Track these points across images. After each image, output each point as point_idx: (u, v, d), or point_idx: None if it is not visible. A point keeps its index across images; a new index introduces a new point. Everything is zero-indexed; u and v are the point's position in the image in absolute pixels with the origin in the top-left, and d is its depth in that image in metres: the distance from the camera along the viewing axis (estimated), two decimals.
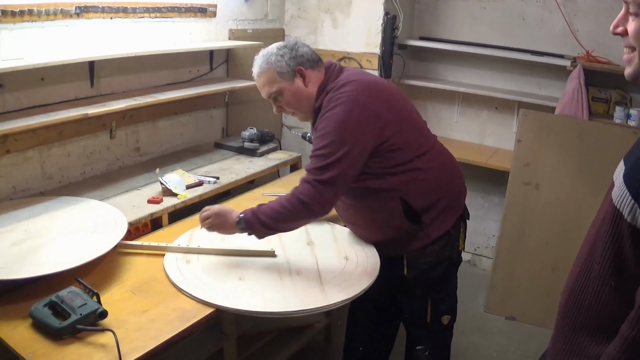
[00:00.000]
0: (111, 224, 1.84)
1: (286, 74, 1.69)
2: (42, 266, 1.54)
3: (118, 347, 1.29)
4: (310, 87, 1.70)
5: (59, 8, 2.06)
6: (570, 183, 2.73)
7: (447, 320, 1.85)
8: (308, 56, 1.71)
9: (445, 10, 3.30)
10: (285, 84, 1.70)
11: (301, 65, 1.69)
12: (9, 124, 1.87)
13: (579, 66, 2.79)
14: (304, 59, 1.70)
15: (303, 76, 1.70)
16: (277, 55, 1.69)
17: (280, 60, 1.69)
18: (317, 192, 1.60)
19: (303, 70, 1.69)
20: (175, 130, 2.80)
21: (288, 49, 1.70)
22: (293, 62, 1.69)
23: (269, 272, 1.72)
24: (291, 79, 1.69)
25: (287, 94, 1.71)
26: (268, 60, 1.70)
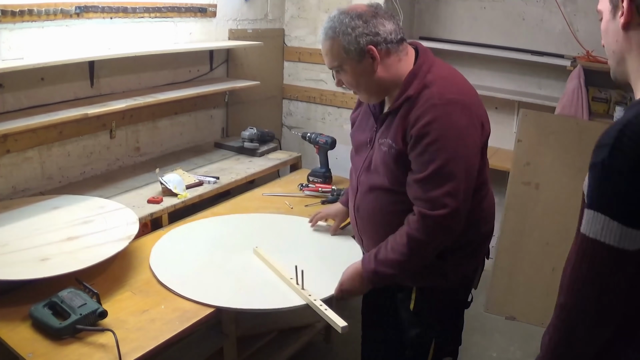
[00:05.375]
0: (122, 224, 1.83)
1: (353, 52, 1.38)
2: (43, 267, 1.54)
3: (118, 347, 1.29)
4: (380, 71, 1.40)
5: (59, 8, 2.06)
6: (570, 183, 2.73)
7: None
8: (387, 34, 1.38)
9: (445, 10, 3.30)
10: (350, 62, 1.41)
11: (374, 45, 1.37)
12: (9, 124, 1.88)
13: (579, 66, 2.79)
14: (380, 37, 1.37)
15: (373, 57, 1.39)
16: (348, 27, 1.37)
17: (350, 34, 1.37)
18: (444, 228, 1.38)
19: (374, 51, 1.38)
20: (175, 130, 2.80)
21: (363, 21, 1.37)
22: (365, 39, 1.37)
23: (263, 269, 1.73)
24: (358, 58, 1.39)
25: (351, 73, 1.43)
26: (336, 29, 1.39)
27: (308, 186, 2.46)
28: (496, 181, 3.25)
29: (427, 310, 1.61)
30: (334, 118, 3.35)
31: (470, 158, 1.37)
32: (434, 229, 1.37)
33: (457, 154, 1.33)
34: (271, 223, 2.11)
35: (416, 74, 1.41)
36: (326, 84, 3.32)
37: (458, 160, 1.33)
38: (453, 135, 1.33)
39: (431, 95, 1.36)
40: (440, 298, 1.58)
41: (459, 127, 1.34)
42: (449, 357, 1.73)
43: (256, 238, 1.91)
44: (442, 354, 1.69)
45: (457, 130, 1.34)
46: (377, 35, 1.38)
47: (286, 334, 2.26)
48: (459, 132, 1.34)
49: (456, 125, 1.33)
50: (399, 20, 1.46)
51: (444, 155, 1.32)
